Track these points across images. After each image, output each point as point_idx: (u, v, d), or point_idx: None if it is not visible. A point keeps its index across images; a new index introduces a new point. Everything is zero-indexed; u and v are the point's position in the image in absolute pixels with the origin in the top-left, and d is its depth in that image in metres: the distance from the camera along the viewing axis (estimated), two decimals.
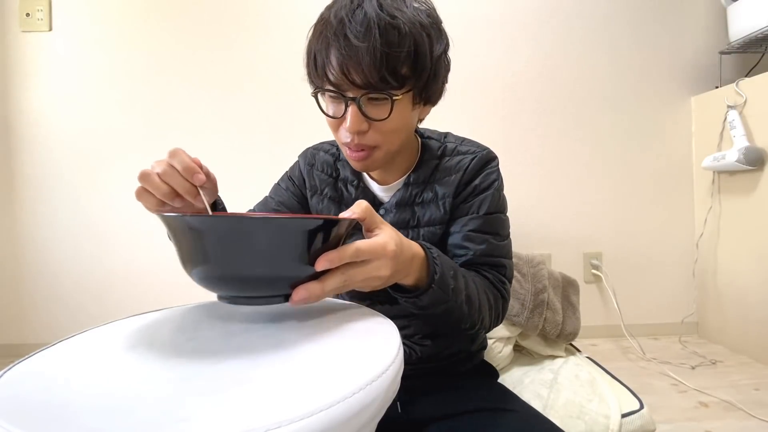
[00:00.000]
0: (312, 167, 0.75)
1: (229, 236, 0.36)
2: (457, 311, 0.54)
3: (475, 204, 0.65)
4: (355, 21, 0.52)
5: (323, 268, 0.39)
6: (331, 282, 0.40)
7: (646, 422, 0.81)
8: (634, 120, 1.84)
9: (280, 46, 1.75)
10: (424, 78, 0.57)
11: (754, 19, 1.59)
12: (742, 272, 1.62)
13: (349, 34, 0.52)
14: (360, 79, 0.53)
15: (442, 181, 0.67)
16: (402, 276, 0.48)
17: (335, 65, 0.54)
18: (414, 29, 0.54)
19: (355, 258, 0.41)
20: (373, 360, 0.34)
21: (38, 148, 1.73)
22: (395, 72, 0.54)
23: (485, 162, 0.67)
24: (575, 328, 1.13)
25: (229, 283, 0.38)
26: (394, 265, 0.44)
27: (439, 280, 0.50)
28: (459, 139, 0.71)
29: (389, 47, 0.52)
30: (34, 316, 1.74)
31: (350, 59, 0.52)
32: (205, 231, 0.36)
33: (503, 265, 0.64)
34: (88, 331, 0.42)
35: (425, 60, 0.56)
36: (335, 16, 0.54)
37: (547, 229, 1.83)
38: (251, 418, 0.25)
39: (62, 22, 1.72)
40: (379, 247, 0.43)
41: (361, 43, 0.51)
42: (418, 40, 0.54)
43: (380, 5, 0.53)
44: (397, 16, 0.53)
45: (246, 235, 0.36)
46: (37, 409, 0.27)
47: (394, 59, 0.53)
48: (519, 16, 1.80)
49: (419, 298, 0.50)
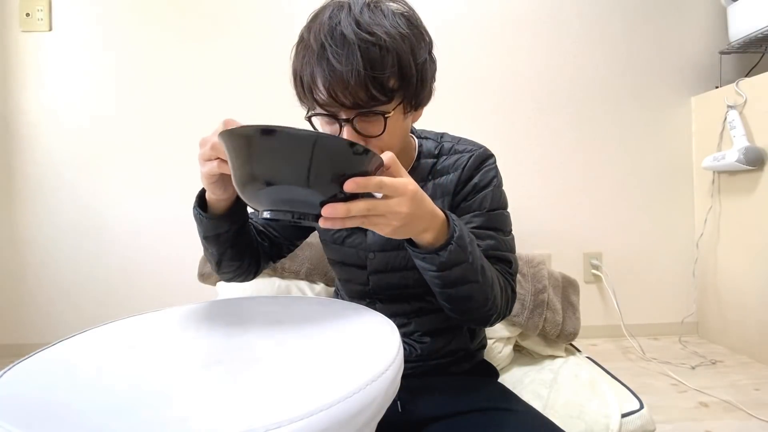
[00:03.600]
0: None
1: (277, 148, 0.40)
2: (473, 277, 0.53)
3: (477, 201, 0.65)
4: (335, 44, 0.52)
5: (351, 191, 0.41)
6: (356, 206, 0.42)
7: (646, 422, 0.81)
8: (634, 120, 1.84)
9: (281, 45, 1.75)
10: (413, 87, 0.57)
11: (754, 19, 1.59)
12: (742, 272, 1.62)
13: (331, 58, 0.52)
14: (349, 101, 0.53)
15: (439, 179, 0.67)
16: (421, 227, 0.49)
17: (322, 89, 0.54)
18: (395, 43, 0.53)
19: (379, 189, 0.43)
20: (373, 360, 0.34)
21: (38, 148, 1.73)
22: (383, 87, 0.54)
23: (482, 160, 0.67)
24: (575, 328, 1.13)
25: (270, 193, 0.42)
26: (413, 205, 0.45)
27: (458, 238, 0.51)
28: (455, 139, 0.71)
29: (372, 67, 0.52)
30: (34, 316, 1.74)
31: (336, 83, 0.52)
32: (257, 141, 0.40)
33: (509, 260, 0.65)
34: (88, 331, 0.42)
35: (410, 69, 0.56)
36: (315, 39, 0.54)
37: (547, 229, 1.83)
38: (251, 417, 0.25)
39: (62, 22, 1.72)
40: (401, 184, 0.45)
41: (345, 67, 0.51)
42: (401, 53, 0.54)
43: (357, 23, 0.52)
44: (376, 32, 0.52)
45: (293, 148, 0.40)
46: (37, 408, 0.27)
47: (379, 77, 0.53)
48: (519, 16, 1.79)
49: (438, 254, 0.50)
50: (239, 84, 1.75)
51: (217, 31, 1.75)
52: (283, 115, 1.75)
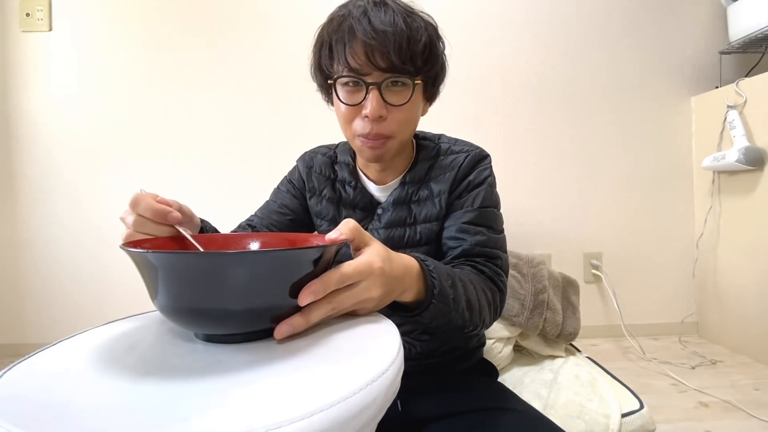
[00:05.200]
0: (311, 170, 0.76)
1: (202, 272, 0.33)
2: (460, 319, 0.54)
3: (470, 198, 0.67)
4: (378, 11, 0.57)
5: (308, 302, 0.36)
6: (316, 313, 0.37)
7: (646, 422, 0.81)
8: (634, 120, 1.84)
9: (282, 48, 1.75)
10: (435, 71, 0.63)
11: (754, 19, 1.59)
12: (742, 272, 1.62)
13: (374, 20, 0.56)
14: (384, 62, 0.57)
15: (437, 179, 0.68)
16: (398, 293, 0.46)
17: (359, 50, 0.57)
18: (428, 26, 0.61)
19: (341, 284, 0.39)
20: (373, 360, 0.34)
21: (38, 148, 1.73)
22: (414, 59, 0.58)
23: (478, 160, 0.70)
24: (575, 328, 1.13)
25: (206, 319, 0.35)
26: (383, 282, 0.42)
27: (439, 294, 0.49)
28: (452, 140, 0.74)
29: (411, 32, 0.57)
30: (34, 316, 1.74)
31: (376, 43, 0.56)
32: (168, 268, 0.34)
33: (498, 256, 0.65)
34: (88, 331, 0.42)
35: (437, 53, 0.62)
36: (356, 7, 0.59)
37: (547, 229, 1.83)
38: (251, 418, 0.25)
39: (62, 22, 1.72)
40: (365, 266, 0.41)
41: (387, 27, 0.56)
42: (431, 33, 0.61)
43: (396, 1, 0.60)
44: (413, 11, 0.60)
45: (221, 272, 0.33)
46: (37, 408, 0.27)
47: (414, 45, 0.58)
48: (519, 16, 1.80)
49: (421, 316, 0.50)
50: (239, 85, 1.75)
51: (218, 31, 1.75)
52: (284, 117, 1.76)
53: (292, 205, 0.76)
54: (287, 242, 0.49)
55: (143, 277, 0.37)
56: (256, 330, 0.37)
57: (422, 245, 0.68)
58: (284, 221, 0.75)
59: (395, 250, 0.68)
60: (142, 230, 0.45)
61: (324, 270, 0.39)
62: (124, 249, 0.36)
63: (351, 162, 0.74)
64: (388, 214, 0.69)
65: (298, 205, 0.77)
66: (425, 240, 0.68)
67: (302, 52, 0.63)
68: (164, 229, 0.46)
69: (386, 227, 0.69)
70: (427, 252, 0.68)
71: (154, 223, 0.45)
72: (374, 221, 0.70)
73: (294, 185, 0.78)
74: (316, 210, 0.75)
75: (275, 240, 0.49)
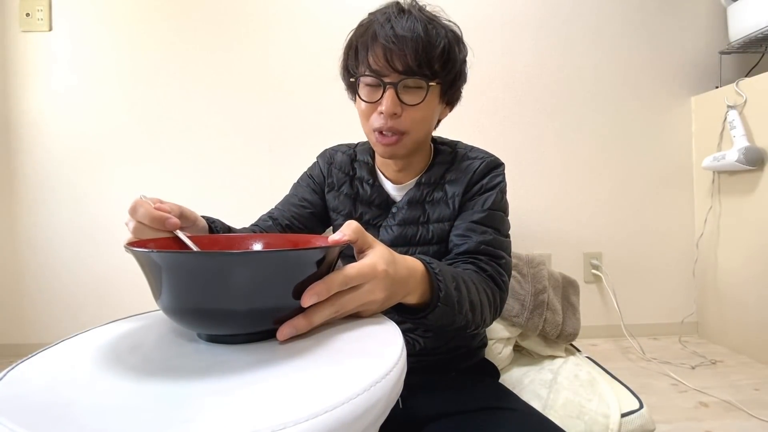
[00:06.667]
0: (331, 165, 0.79)
1: (206, 272, 0.33)
2: (463, 320, 0.55)
3: (480, 200, 0.69)
4: (401, 18, 0.62)
5: (310, 304, 0.36)
6: (319, 315, 0.38)
7: (646, 422, 0.82)
8: (634, 120, 1.84)
9: (284, 48, 1.75)
10: (452, 76, 0.66)
11: (754, 19, 1.59)
12: (742, 272, 1.62)
13: (396, 26, 0.61)
14: (401, 65, 0.61)
15: (452, 182, 0.71)
16: (402, 295, 0.47)
17: (379, 52, 0.61)
18: (448, 33, 0.65)
19: (344, 286, 0.39)
20: (376, 361, 0.34)
21: (38, 148, 1.73)
22: (431, 63, 0.62)
23: (493, 167, 0.72)
24: (575, 328, 1.13)
25: (209, 319, 0.36)
26: (387, 285, 0.43)
27: (445, 297, 0.50)
28: (468, 147, 0.77)
29: (428, 39, 0.61)
30: (34, 316, 1.74)
31: (395, 46, 0.60)
32: (172, 268, 0.34)
33: (502, 257, 0.66)
34: (89, 330, 0.42)
35: (455, 59, 0.65)
36: (382, 14, 0.64)
37: (547, 229, 1.83)
38: (256, 419, 0.25)
39: (62, 22, 1.72)
40: (368, 269, 0.41)
41: (407, 33, 0.60)
42: (451, 41, 0.64)
43: (420, 10, 0.64)
44: (435, 19, 0.65)
45: (225, 272, 0.33)
46: (40, 408, 0.27)
47: (431, 50, 0.61)
48: (519, 16, 1.80)
49: (427, 318, 0.50)
50: (240, 85, 1.75)
51: (218, 31, 1.75)
52: (287, 116, 1.76)
53: (312, 199, 0.78)
54: (290, 243, 0.49)
55: (147, 277, 0.37)
56: (259, 331, 0.37)
57: (434, 244, 0.70)
58: (304, 213, 0.77)
59: (407, 247, 0.70)
60: (142, 237, 0.45)
61: (327, 271, 0.39)
62: (128, 249, 0.36)
63: (370, 161, 0.77)
64: (402, 213, 0.71)
65: (317, 198, 0.79)
66: (437, 239, 0.70)
67: (302, 52, 0.64)
68: (164, 235, 0.46)
69: (400, 225, 0.71)
70: (438, 251, 0.70)
71: (153, 230, 0.45)
72: (389, 218, 0.72)
73: (314, 180, 0.80)
74: (333, 205, 0.77)
75: (278, 241, 0.50)
